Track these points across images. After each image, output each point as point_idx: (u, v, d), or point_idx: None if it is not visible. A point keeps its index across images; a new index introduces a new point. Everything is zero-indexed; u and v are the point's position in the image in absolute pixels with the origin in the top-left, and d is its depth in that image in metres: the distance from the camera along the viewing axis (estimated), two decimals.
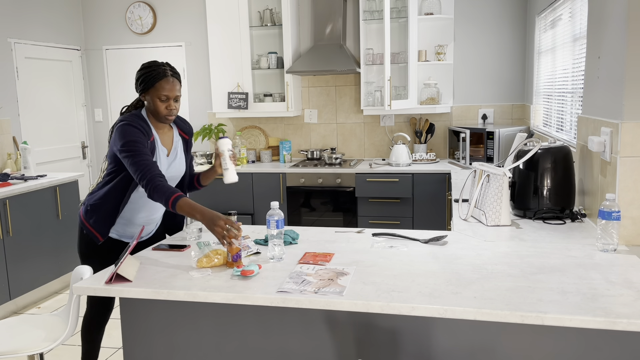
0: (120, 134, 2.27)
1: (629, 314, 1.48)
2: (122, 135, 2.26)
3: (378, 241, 2.27)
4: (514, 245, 2.16)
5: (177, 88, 2.36)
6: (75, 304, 2.22)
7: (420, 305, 1.58)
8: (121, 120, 2.33)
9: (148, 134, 2.33)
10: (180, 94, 2.40)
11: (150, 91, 2.34)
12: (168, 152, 2.45)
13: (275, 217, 2.02)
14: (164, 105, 2.35)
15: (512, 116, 4.95)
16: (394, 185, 4.48)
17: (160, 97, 2.33)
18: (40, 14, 5.16)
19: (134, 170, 2.20)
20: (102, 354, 3.41)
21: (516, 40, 4.84)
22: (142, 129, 2.30)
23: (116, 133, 2.29)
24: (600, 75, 2.47)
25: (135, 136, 2.25)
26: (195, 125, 5.57)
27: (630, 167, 2.19)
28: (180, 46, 5.51)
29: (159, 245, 2.33)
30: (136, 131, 2.27)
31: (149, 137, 2.33)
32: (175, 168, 2.48)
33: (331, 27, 4.84)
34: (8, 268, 4.00)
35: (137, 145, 2.23)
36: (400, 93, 4.86)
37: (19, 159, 4.74)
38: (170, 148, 2.47)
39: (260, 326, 1.88)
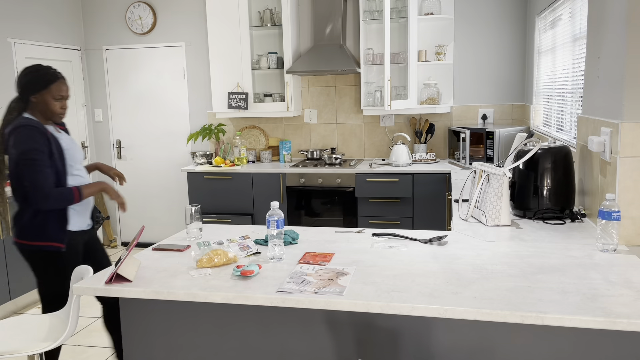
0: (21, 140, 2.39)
1: (629, 314, 1.48)
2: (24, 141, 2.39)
3: (378, 241, 2.27)
4: (514, 245, 2.16)
5: (67, 88, 2.56)
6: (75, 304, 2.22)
7: (420, 305, 1.58)
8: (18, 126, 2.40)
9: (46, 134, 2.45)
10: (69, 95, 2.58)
11: (42, 93, 2.47)
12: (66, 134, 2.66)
13: (275, 217, 2.02)
14: (59, 104, 2.52)
15: (512, 116, 4.95)
16: (394, 185, 4.48)
17: (57, 97, 2.50)
18: (40, 14, 5.16)
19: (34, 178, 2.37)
20: (102, 353, 3.41)
21: (516, 40, 4.84)
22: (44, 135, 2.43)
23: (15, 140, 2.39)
24: (600, 75, 2.47)
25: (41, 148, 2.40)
26: (195, 125, 5.57)
27: (630, 167, 2.19)
28: (180, 46, 5.51)
29: (159, 245, 2.33)
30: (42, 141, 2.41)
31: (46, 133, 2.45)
32: (79, 147, 2.69)
33: (331, 27, 4.84)
34: (8, 268, 3.99)
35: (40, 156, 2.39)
36: (400, 93, 4.86)
37: None
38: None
39: (260, 326, 1.88)
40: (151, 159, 5.76)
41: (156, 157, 5.74)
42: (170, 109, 5.64)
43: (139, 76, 5.66)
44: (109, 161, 5.86)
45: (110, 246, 5.89)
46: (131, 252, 1.96)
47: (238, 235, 2.44)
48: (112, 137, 5.82)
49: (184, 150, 5.64)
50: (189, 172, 4.93)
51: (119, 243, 5.95)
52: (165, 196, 5.76)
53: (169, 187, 5.74)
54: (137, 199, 5.85)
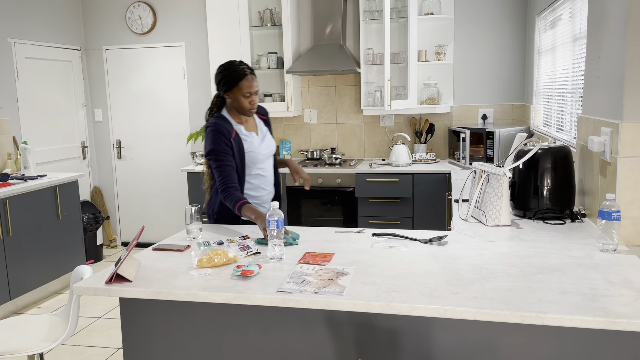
0: (208, 141, 2.62)
1: (629, 314, 1.48)
2: (210, 142, 2.61)
3: (378, 241, 2.27)
4: (514, 245, 2.16)
5: (256, 83, 2.66)
6: (75, 304, 2.23)
7: (420, 305, 1.58)
8: (208, 126, 2.65)
9: (230, 132, 2.63)
10: (258, 89, 2.70)
11: (232, 90, 2.61)
12: (256, 133, 2.77)
13: (275, 217, 2.02)
14: (248, 100, 2.63)
15: (512, 116, 4.95)
16: (394, 185, 4.48)
17: (245, 94, 2.61)
18: (40, 14, 5.16)
19: (217, 175, 2.60)
20: (102, 353, 3.42)
21: (516, 40, 4.84)
22: (224, 135, 2.61)
23: (206, 139, 2.64)
24: (600, 75, 2.47)
25: (222, 146, 2.59)
26: (195, 125, 5.57)
27: (630, 167, 2.19)
28: (180, 46, 5.51)
29: (159, 245, 2.33)
30: (223, 141, 2.60)
31: (230, 135, 2.63)
32: (267, 145, 2.79)
33: (331, 27, 4.84)
34: (8, 268, 4.00)
35: (220, 155, 2.59)
36: (400, 93, 4.86)
37: (19, 159, 4.74)
38: (256, 130, 2.78)
39: (260, 326, 1.88)
40: (151, 159, 5.76)
41: (156, 157, 5.74)
42: (170, 109, 5.64)
43: (139, 76, 5.66)
44: (109, 161, 5.86)
45: (110, 246, 5.89)
46: (131, 252, 1.96)
47: (238, 235, 2.44)
48: (112, 137, 5.82)
49: (184, 150, 5.64)
50: (189, 172, 4.93)
51: (119, 243, 5.95)
52: (165, 196, 5.77)
53: (169, 187, 5.74)
54: (137, 199, 5.85)
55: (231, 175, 2.59)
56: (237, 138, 2.67)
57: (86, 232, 5.15)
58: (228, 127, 2.64)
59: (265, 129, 2.84)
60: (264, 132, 2.81)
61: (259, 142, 2.75)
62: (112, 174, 5.88)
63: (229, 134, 2.62)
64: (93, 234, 5.28)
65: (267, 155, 2.79)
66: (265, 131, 2.83)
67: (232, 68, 2.62)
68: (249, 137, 2.71)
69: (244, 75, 2.60)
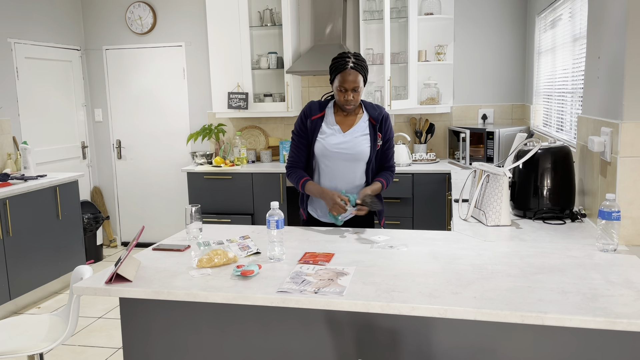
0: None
1: (629, 314, 1.48)
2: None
3: (378, 241, 2.27)
4: (514, 245, 2.16)
5: (356, 79, 2.50)
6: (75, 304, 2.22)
7: (420, 305, 1.58)
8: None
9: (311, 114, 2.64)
10: (359, 85, 2.52)
11: (333, 81, 2.56)
12: (344, 130, 2.63)
13: (275, 217, 2.02)
14: (342, 95, 2.53)
15: (512, 116, 4.95)
16: (394, 185, 4.48)
17: (339, 88, 2.51)
18: (40, 14, 5.16)
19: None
20: (102, 353, 3.42)
21: (516, 40, 4.84)
22: (304, 115, 2.65)
23: None
24: (600, 75, 2.47)
25: (296, 126, 2.67)
26: (195, 125, 5.57)
27: (630, 167, 2.19)
28: (180, 46, 5.51)
29: (159, 245, 2.33)
30: (299, 120, 2.66)
31: (310, 117, 2.64)
32: (350, 146, 2.61)
33: (331, 27, 4.84)
34: (8, 268, 4.00)
35: (293, 135, 2.68)
36: (400, 93, 4.86)
37: (19, 159, 4.74)
38: (349, 128, 2.63)
39: (260, 326, 1.88)
40: (151, 159, 5.76)
41: (156, 157, 5.74)
42: (170, 109, 5.64)
43: (139, 76, 5.66)
44: (109, 161, 5.86)
45: (110, 246, 5.89)
46: (131, 252, 1.96)
47: (238, 235, 2.44)
48: (112, 137, 5.82)
49: (184, 150, 5.64)
50: (189, 172, 4.93)
51: (119, 243, 5.95)
52: (165, 196, 5.77)
53: (169, 187, 5.74)
54: (137, 199, 5.85)
55: (296, 155, 2.66)
56: (317, 122, 2.62)
57: (86, 232, 5.15)
58: (315, 109, 2.64)
59: (362, 133, 2.61)
60: (356, 134, 2.61)
61: (339, 139, 2.60)
62: (112, 174, 5.88)
63: (308, 115, 2.64)
64: (93, 234, 5.29)
65: (339, 155, 2.61)
66: (360, 134, 2.61)
67: (338, 59, 2.53)
68: (328, 129, 2.62)
69: (343, 68, 2.48)
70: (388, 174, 2.70)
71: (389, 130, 2.67)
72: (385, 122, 2.65)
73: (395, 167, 2.75)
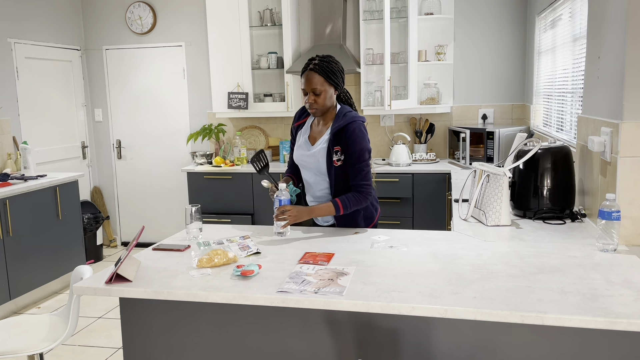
0: None
1: (629, 314, 1.48)
2: None
3: (378, 241, 2.27)
4: (514, 245, 2.16)
5: (314, 81, 2.36)
6: (75, 304, 2.23)
7: (420, 305, 1.58)
8: None
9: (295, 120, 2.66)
10: (317, 87, 2.36)
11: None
12: (312, 142, 2.54)
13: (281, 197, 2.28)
14: (304, 98, 2.43)
15: (512, 116, 4.95)
16: (394, 185, 4.48)
17: (302, 90, 2.43)
18: (40, 13, 5.16)
19: None
20: (102, 353, 3.42)
21: (516, 40, 4.84)
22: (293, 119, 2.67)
23: None
24: (600, 75, 2.47)
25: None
26: (195, 125, 5.57)
27: (630, 167, 2.19)
28: (180, 46, 5.51)
29: (159, 245, 2.33)
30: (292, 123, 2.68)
31: (294, 123, 2.65)
32: (311, 160, 2.52)
33: (331, 27, 4.84)
34: (8, 268, 4.00)
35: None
36: (400, 93, 4.86)
37: (19, 159, 4.74)
38: (316, 140, 2.53)
39: (260, 326, 1.88)
40: (151, 159, 5.76)
41: (156, 157, 5.74)
42: (170, 109, 5.64)
43: (139, 76, 5.66)
44: (109, 161, 5.86)
45: (110, 246, 5.89)
46: (131, 252, 1.96)
47: (238, 235, 2.44)
48: (112, 137, 5.82)
49: (184, 150, 5.64)
50: (189, 172, 4.93)
51: (119, 243, 5.95)
52: (165, 196, 5.77)
53: (169, 187, 5.74)
54: (137, 199, 5.85)
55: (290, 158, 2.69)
56: (298, 129, 2.64)
57: (86, 232, 5.15)
58: (298, 115, 2.66)
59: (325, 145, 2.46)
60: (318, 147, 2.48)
61: (303, 151, 2.54)
62: (112, 174, 5.88)
63: (294, 120, 2.66)
64: (93, 234, 5.28)
65: (305, 167, 2.56)
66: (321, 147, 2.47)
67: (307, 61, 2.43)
68: (301, 138, 2.59)
69: (304, 70, 2.40)
70: (351, 196, 2.41)
71: (351, 144, 2.37)
72: (345, 134, 2.38)
73: (366, 188, 2.42)
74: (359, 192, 2.43)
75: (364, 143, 2.39)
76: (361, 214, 2.57)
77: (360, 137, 2.38)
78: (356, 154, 2.39)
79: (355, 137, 2.37)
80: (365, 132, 2.42)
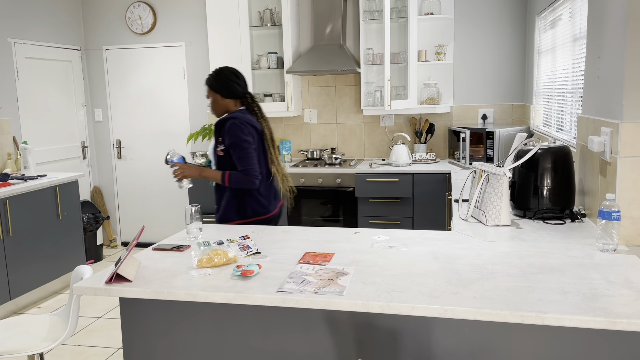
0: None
1: (629, 314, 1.48)
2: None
3: (378, 241, 2.27)
4: (514, 245, 2.16)
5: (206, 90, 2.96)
6: (75, 304, 2.23)
7: (420, 305, 1.58)
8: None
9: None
10: (207, 94, 2.95)
11: None
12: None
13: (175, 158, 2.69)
14: None
15: (512, 116, 4.95)
16: (394, 185, 4.48)
17: None
18: (40, 13, 5.16)
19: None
20: (102, 353, 3.42)
21: (516, 40, 4.84)
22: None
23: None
24: (600, 75, 2.47)
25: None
26: (195, 125, 5.57)
27: (630, 167, 2.19)
28: (180, 46, 5.51)
29: (159, 245, 2.33)
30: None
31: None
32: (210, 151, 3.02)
33: (331, 27, 4.84)
34: (8, 268, 4.00)
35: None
36: (400, 93, 4.86)
37: (19, 159, 4.74)
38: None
39: (260, 326, 1.88)
40: (151, 159, 5.75)
41: (156, 157, 5.74)
42: (170, 109, 5.64)
43: (139, 76, 5.66)
44: (109, 161, 5.86)
45: (110, 246, 5.89)
46: (131, 252, 1.96)
47: (238, 235, 2.44)
48: (112, 137, 5.82)
49: (184, 150, 5.64)
50: None
51: (119, 243, 5.95)
52: (165, 196, 5.77)
53: (169, 187, 5.74)
54: (137, 199, 5.85)
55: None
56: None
57: (86, 232, 5.15)
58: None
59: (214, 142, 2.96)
60: (212, 140, 2.97)
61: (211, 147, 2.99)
62: (112, 174, 5.88)
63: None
64: (93, 234, 5.28)
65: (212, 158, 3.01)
66: (213, 140, 2.95)
67: None
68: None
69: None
70: (238, 174, 2.82)
71: (226, 136, 2.82)
72: (223, 128, 2.85)
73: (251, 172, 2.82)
74: (244, 173, 2.83)
75: (240, 134, 2.82)
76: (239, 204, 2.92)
77: (236, 130, 2.82)
78: (233, 145, 2.82)
79: (231, 130, 2.82)
80: (242, 127, 2.83)
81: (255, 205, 2.91)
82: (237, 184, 2.81)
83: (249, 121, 2.87)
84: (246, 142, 2.82)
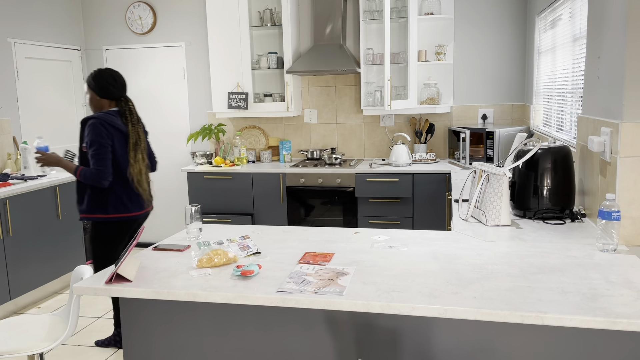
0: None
1: (629, 314, 1.48)
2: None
3: (378, 241, 2.28)
4: (514, 245, 2.16)
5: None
6: (75, 304, 2.23)
7: (420, 305, 1.58)
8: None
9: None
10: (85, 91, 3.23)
11: None
12: None
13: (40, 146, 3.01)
14: None
15: (512, 116, 4.95)
16: (394, 185, 4.48)
17: None
18: (40, 14, 5.16)
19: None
20: (102, 353, 3.41)
21: (516, 40, 4.84)
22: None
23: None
24: (600, 75, 2.47)
25: None
26: (195, 125, 5.58)
27: (630, 167, 2.19)
28: (180, 46, 5.51)
29: (159, 245, 2.33)
30: None
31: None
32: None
33: (331, 27, 4.84)
34: (8, 268, 4.00)
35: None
36: (400, 93, 4.86)
37: (19, 159, 4.74)
38: None
39: (260, 326, 1.88)
40: None
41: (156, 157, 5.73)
42: (170, 109, 5.64)
43: (139, 76, 5.66)
44: None
45: None
46: (131, 252, 1.96)
47: (238, 235, 2.44)
48: None
49: (184, 150, 5.64)
50: (189, 172, 4.93)
51: None
52: (165, 196, 5.76)
53: (169, 187, 5.74)
54: None
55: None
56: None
57: (86, 232, 5.15)
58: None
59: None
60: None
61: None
62: None
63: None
64: None
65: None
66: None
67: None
68: None
69: None
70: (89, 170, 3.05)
71: (86, 135, 3.06)
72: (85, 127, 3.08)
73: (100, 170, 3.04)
74: (96, 173, 3.05)
75: (94, 136, 3.03)
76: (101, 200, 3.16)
77: (95, 130, 3.03)
78: (88, 144, 3.06)
79: (90, 130, 3.04)
80: (101, 128, 3.03)
81: (116, 203, 3.15)
82: (87, 180, 3.04)
83: (112, 122, 3.07)
84: (102, 143, 3.03)
